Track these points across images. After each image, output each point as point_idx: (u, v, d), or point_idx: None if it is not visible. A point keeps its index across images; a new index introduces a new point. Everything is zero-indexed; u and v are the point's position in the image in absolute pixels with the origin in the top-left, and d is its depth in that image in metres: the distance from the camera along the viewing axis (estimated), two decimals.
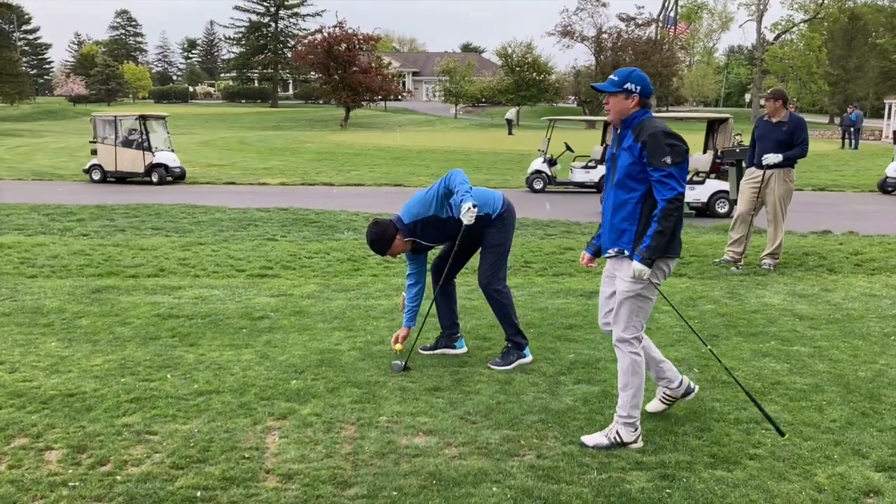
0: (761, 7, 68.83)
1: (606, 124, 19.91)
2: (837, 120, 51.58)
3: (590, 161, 19.61)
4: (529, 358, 5.43)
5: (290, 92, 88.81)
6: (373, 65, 54.48)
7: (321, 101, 75.10)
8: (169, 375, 5.08)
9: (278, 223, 12.02)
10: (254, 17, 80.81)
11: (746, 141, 19.24)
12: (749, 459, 3.92)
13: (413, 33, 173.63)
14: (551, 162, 19.40)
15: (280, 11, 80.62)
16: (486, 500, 3.50)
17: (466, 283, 7.36)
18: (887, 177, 18.75)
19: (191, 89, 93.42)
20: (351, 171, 23.62)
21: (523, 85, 59.66)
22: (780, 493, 3.58)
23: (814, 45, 63.04)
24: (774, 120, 8.49)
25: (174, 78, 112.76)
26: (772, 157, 8.28)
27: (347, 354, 5.55)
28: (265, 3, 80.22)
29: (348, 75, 52.04)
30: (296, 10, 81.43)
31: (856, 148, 33.83)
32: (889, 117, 46.57)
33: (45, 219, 12.29)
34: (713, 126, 14.95)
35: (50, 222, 11.93)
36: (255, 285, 7.77)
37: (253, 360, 5.42)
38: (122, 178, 20.56)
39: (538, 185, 19.12)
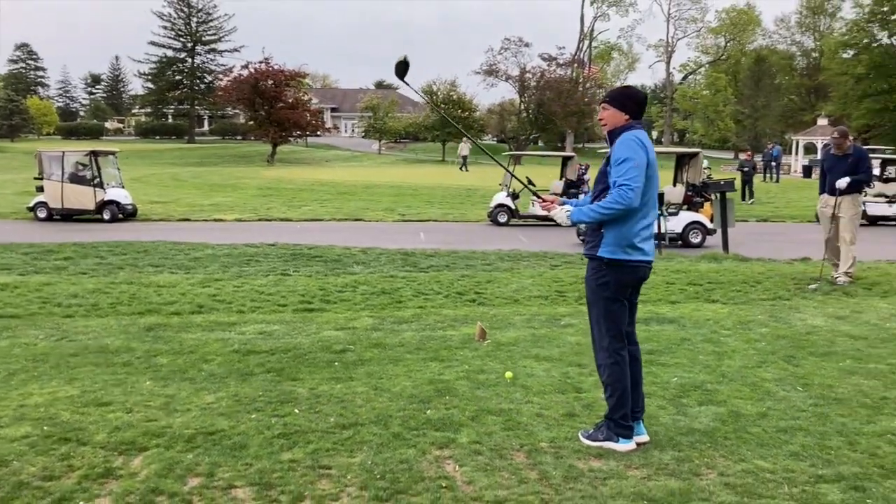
0: (670, 49, 72.36)
1: (565, 160, 20.48)
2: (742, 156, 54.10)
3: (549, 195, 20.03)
4: (622, 446, 4.38)
5: (206, 128, 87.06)
6: (298, 100, 54.23)
7: (240, 137, 73.95)
8: (296, 410, 4.95)
9: (278, 258, 11.82)
10: (170, 53, 79.28)
11: (715, 175, 20.04)
12: None
13: (325, 69, 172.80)
14: (513, 196, 19.75)
15: (197, 47, 79.39)
16: None
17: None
18: None
19: (106, 125, 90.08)
20: (302, 206, 23.39)
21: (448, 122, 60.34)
22: None
23: (720, 85, 66.49)
24: (840, 153, 9.38)
25: (80, 113, 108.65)
26: (843, 181, 9.26)
27: (458, 384, 5.52)
28: (182, 39, 78.85)
29: (275, 111, 51.58)
30: (213, 45, 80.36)
31: (777, 181, 35.71)
32: (796, 153, 49.42)
33: (25, 258, 11.69)
34: (682, 160, 15.62)
35: (34, 261, 11.37)
36: (309, 320, 7.63)
37: (368, 392, 5.33)
38: (69, 216, 19.80)
39: (502, 218, 19.39)
